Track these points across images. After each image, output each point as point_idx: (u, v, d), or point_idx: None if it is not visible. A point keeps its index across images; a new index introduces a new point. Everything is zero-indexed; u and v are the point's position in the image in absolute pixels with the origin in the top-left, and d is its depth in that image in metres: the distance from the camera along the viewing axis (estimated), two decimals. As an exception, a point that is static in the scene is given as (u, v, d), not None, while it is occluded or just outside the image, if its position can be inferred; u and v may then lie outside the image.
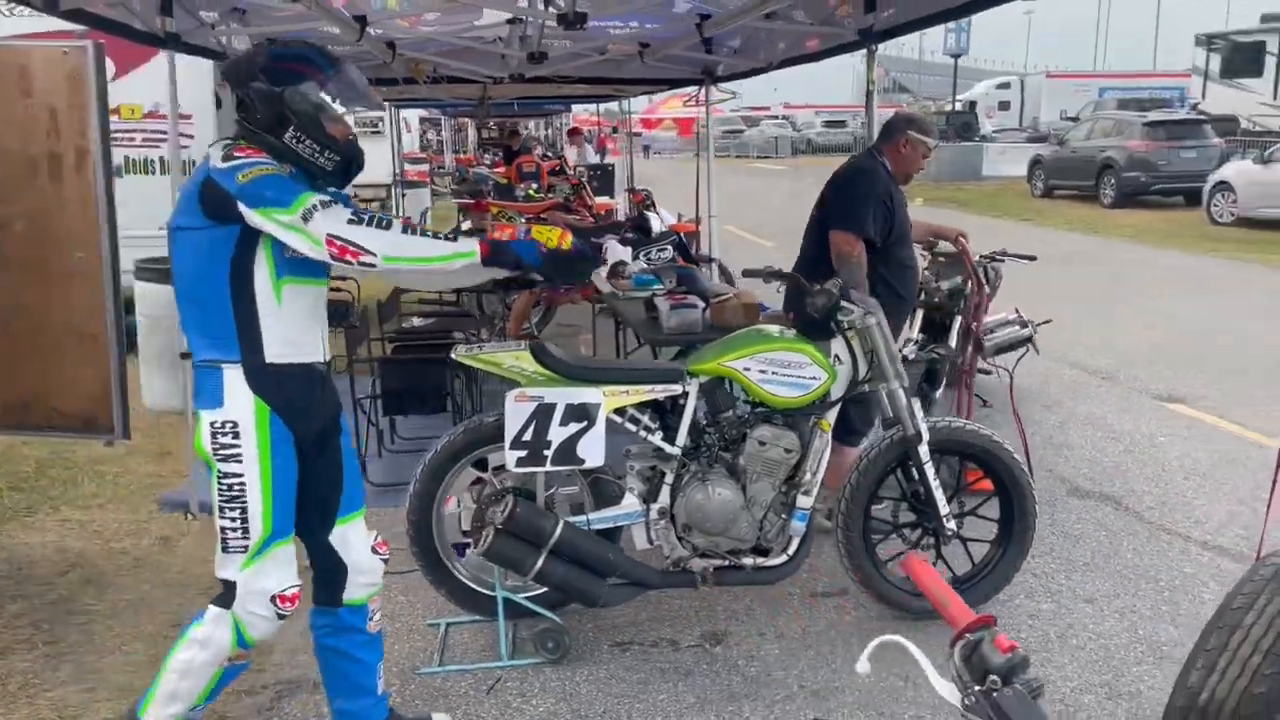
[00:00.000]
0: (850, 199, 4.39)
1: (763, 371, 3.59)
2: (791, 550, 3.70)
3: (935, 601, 1.42)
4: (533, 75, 7.66)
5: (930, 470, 3.75)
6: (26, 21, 6.83)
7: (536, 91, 11.17)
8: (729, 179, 9.93)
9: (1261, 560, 2.45)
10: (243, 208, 2.45)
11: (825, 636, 3.82)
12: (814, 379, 3.61)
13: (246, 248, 2.52)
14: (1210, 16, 50.70)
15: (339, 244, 2.44)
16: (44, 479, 5.44)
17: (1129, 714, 3.31)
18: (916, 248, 5.02)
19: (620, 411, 3.56)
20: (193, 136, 7.75)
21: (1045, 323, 6.26)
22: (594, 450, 3.47)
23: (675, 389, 3.63)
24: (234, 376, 2.56)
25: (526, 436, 3.43)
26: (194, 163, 7.69)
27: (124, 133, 8.00)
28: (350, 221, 2.47)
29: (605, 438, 3.48)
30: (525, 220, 9.02)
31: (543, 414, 3.43)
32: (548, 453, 3.44)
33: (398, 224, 2.55)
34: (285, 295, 2.58)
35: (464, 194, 12.44)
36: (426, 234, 2.59)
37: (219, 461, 2.58)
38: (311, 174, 2.62)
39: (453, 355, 3.61)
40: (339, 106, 2.61)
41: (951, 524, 3.81)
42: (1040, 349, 6.14)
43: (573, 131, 21.53)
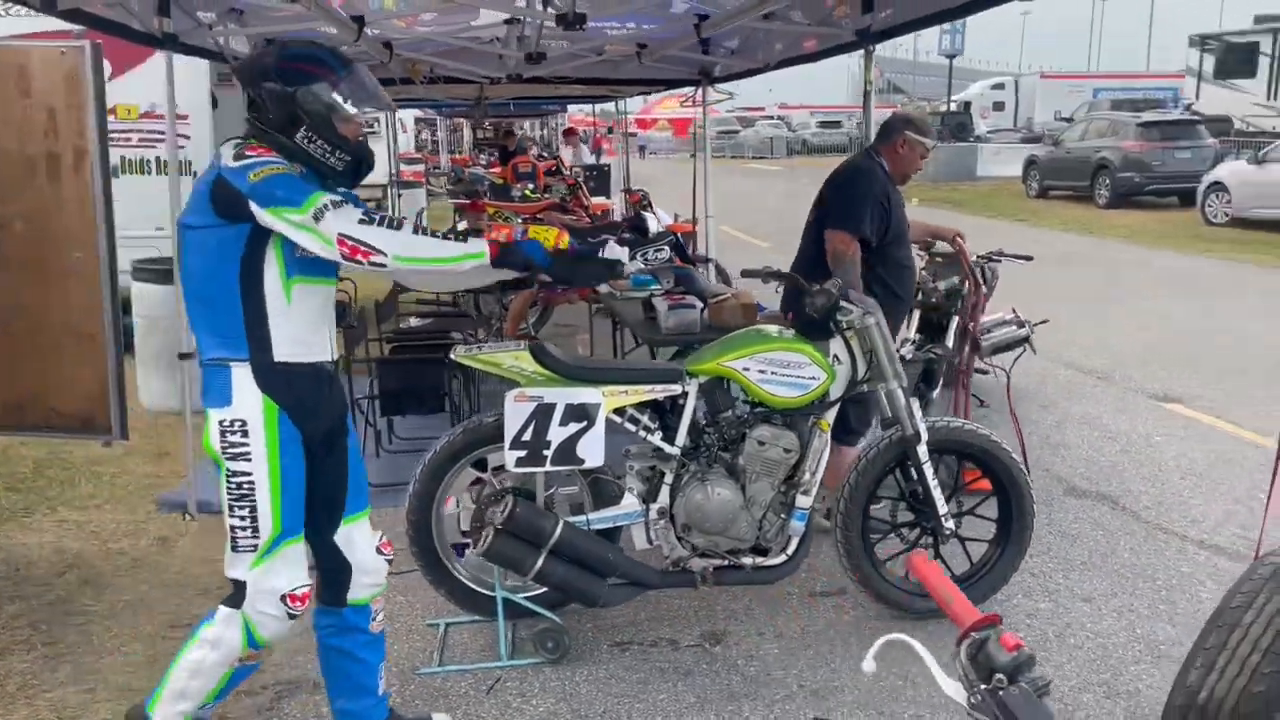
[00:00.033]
0: (847, 199, 4.39)
1: (762, 371, 3.60)
2: (791, 550, 3.70)
3: (940, 600, 1.43)
4: (530, 75, 7.66)
5: (929, 470, 3.76)
6: (24, 21, 6.82)
7: (533, 92, 11.17)
8: (724, 179, 9.94)
9: (1260, 559, 2.46)
10: (254, 207, 2.45)
11: (824, 636, 3.83)
12: (813, 379, 3.62)
13: (256, 247, 2.52)
14: (1203, 17, 50.80)
15: (350, 244, 2.45)
16: (41, 479, 5.43)
17: (1127, 712, 3.32)
18: (914, 248, 5.03)
19: (620, 411, 3.56)
20: (189, 137, 7.74)
21: (1042, 323, 6.28)
22: (593, 450, 3.47)
23: (675, 389, 3.63)
24: (242, 375, 2.57)
25: (526, 436, 3.43)
26: (190, 163, 7.75)
27: (120, 133, 7.98)
28: (361, 221, 2.48)
29: (605, 438, 3.48)
30: (522, 220, 9.02)
31: (542, 414, 3.43)
32: (547, 453, 3.44)
33: (409, 224, 2.56)
34: (295, 295, 2.59)
35: (460, 194, 12.45)
36: (437, 235, 2.60)
37: (227, 460, 2.58)
38: (322, 174, 2.62)
39: (452, 355, 3.61)
40: (350, 107, 2.60)
41: (950, 523, 3.82)
42: (1037, 349, 6.16)
43: (568, 132, 21.51)
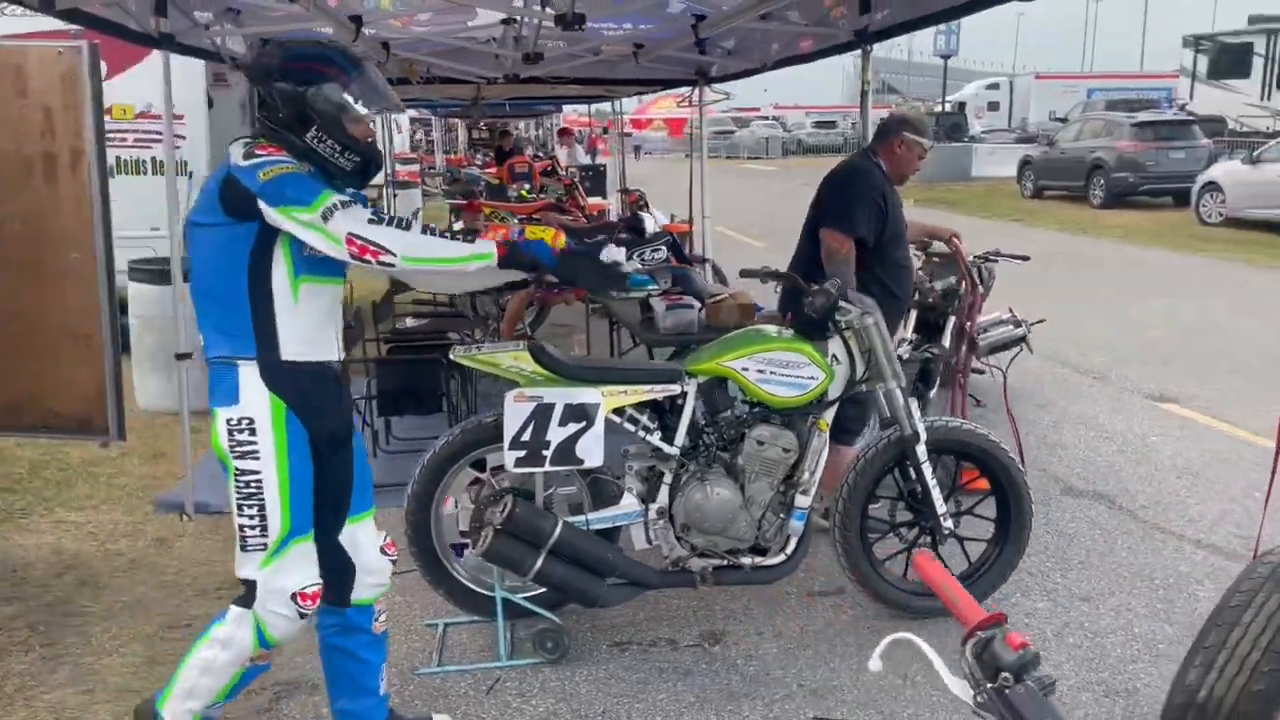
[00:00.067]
0: (843, 198, 4.40)
1: (761, 371, 3.60)
2: (790, 549, 3.71)
3: (945, 599, 1.43)
4: (527, 76, 7.66)
5: (928, 470, 3.76)
6: (21, 21, 6.81)
7: (529, 92, 11.18)
8: (720, 180, 9.96)
9: (1259, 558, 2.47)
10: (263, 205, 2.45)
11: (823, 635, 3.83)
12: (812, 379, 3.62)
13: (265, 245, 2.52)
14: (1197, 18, 50.99)
15: (359, 243, 2.45)
16: (38, 480, 5.42)
17: (1125, 711, 3.33)
18: (911, 248, 5.04)
19: (619, 411, 3.56)
20: (184, 137, 7.73)
21: (1039, 322, 6.28)
22: (593, 450, 3.47)
23: (674, 389, 3.63)
24: (249, 373, 2.56)
25: (525, 437, 3.43)
26: (186, 163, 7.73)
27: (116, 133, 7.96)
28: (370, 221, 2.48)
29: (604, 438, 3.48)
30: (518, 221, 9.01)
31: (541, 414, 3.43)
32: (546, 453, 3.44)
33: (417, 225, 2.56)
34: (302, 294, 2.59)
35: (456, 194, 12.44)
36: (444, 235, 2.60)
37: (235, 459, 2.57)
38: (330, 174, 2.62)
39: (451, 356, 3.61)
40: (361, 107, 2.60)
41: (948, 523, 3.82)
42: (1034, 348, 6.17)
43: (563, 132, 21.50)
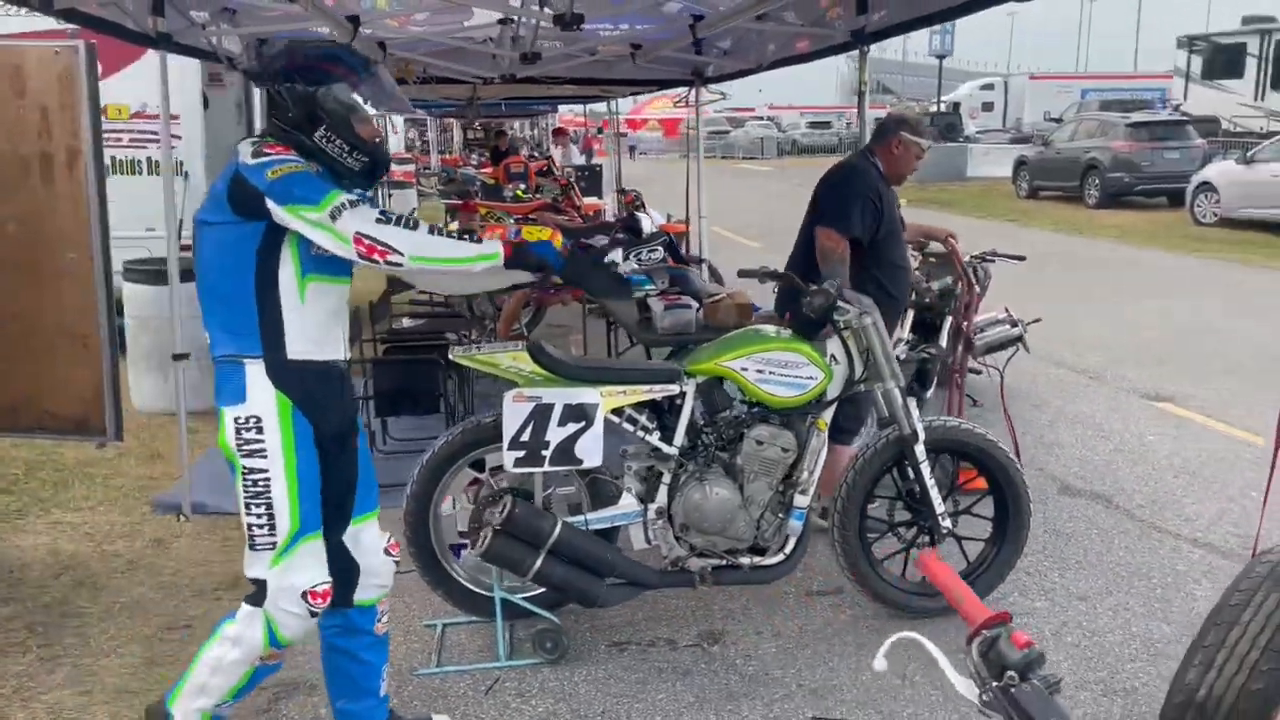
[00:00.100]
0: (839, 198, 4.41)
1: (760, 371, 3.60)
2: (788, 549, 3.71)
3: (950, 598, 1.43)
4: (523, 76, 7.66)
5: (926, 469, 3.77)
6: (17, 21, 6.80)
7: (525, 92, 11.18)
8: (715, 180, 10.00)
9: (1257, 557, 2.47)
10: (271, 204, 2.45)
11: (822, 635, 3.84)
12: (811, 379, 3.62)
13: (272, 244, 2.52)
14: (1191, 19, 51.09)
15: (367, 242, 2.45)
16: (34, 481, 5.40)
17: (1124, 710, 3.33)
18: (908, 248, 5.05)
19: (618, 412, 3.56)
20: (180, 137, 7.71)
21: (1035, 321, 6.31)
22: (592, 450, 3.47)
23: (673, 389, 3.63)
24: (256, 372, 2.56)
25: (524, 437, 3.43)
26: (182, 163, 7.72)
27: (111, 133, 7.91)
28: (378, 221, 2.49)
29: (603, 438, 3.48)
30: (514, 221, 9.01)
31: (541, 414, 3.43)
32: (546, 453, 3.44)
33: (424, 225, 2.56)
34: (309, 293, 2.59)
35: (451, 194, 12.46)
36: (452, 235, 2.60)
37: (243, 457, 2.57)
38: (338, 173, 2.62)
39: (450, 356, 3.61)
40: (370, 108, 2.61)
41: (947, 522, 3.83)
42: (1030, 348, 6.18)
43: (558, 132, 21.53)
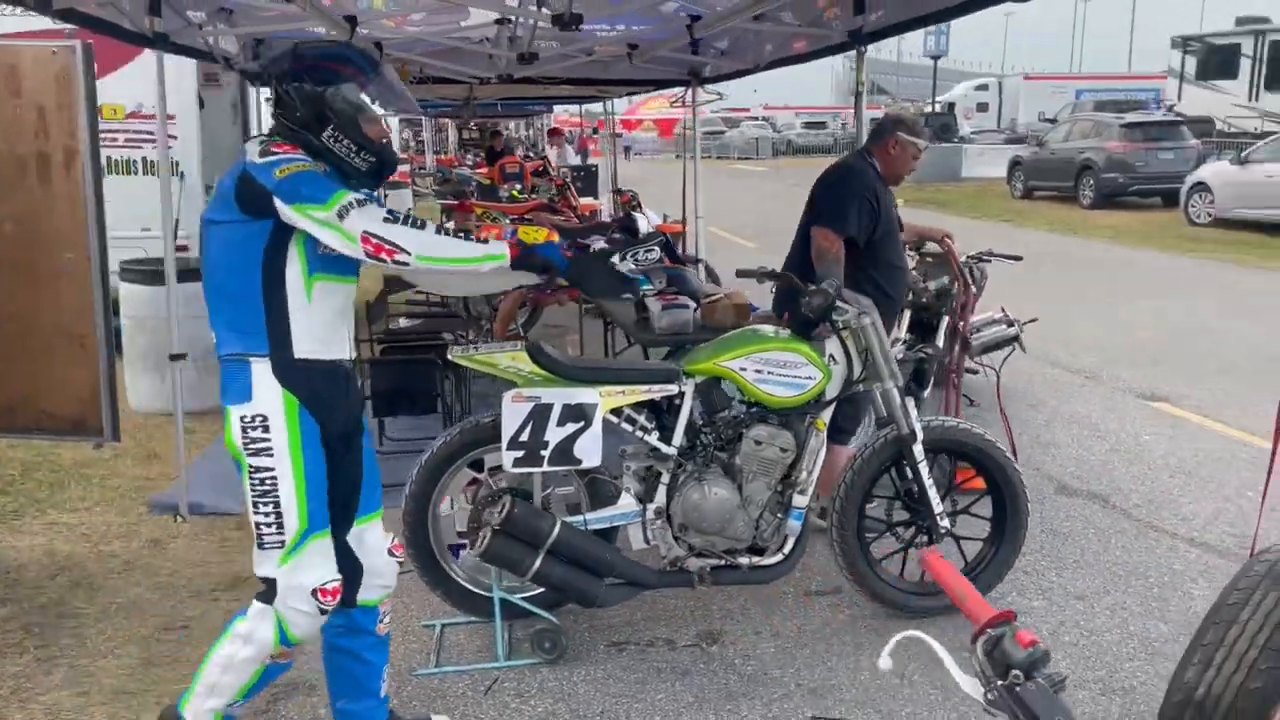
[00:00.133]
0: (835, 198, 4.42)
1: (758, 371, 3.61)
2: (787, 549, 3.71)
3: (954, 597, 1.44)
4: (520, 76, 7.66)
5: (924, 469, 3.77)
6: (13, 21, 6.78)
7: (522, 92, 11.17)
8: (710, 180, 10.01)
9: (1256, 556, 2.48)
10: (278, 203, 2.45)
11: (820, 635, 3.84)
12: (809, 379, 3.63)
13: (279, 243, 2.52)
14: (1184, 19, 51.24)
15: (374, 241, 2.46)
16: (30, 482, 5.39)
17: (1122, 709, 3.34)
18: (904, 248, 5.05)
19: (616, 412, 3.56)
20: (176, 137, 7.70)
21: (1031, 321, 6.31)
22: (591, 450, 3.47)
23: (672, 389, 3.64)
24: (262, 370, 2.56)
25: (523, 437, 3.43)
26: (178, 164, 7.70)
27: (106, 133, 7.87)
28: (386, 220, 2.49)
29: (602, 438, 3.48)
30: (510, 221, 9.01)
31: (540, 414, 3.43)
32: (545, 453, 3.44)
33: (431, 224, 2.57)
34: (316, 292, 2.59)
35: (447, 195, 12.44)
36: (458, 235, 2.61)
37: (249, 456, 2.56)
38: (345, 173, 2.62)
39: (449, 356, 3.61)
40: (378, 108, 2.61)
41: (945, 522, 3.83)
42: (1026, 348, 6.19)
43: (553, 132, 21.52)
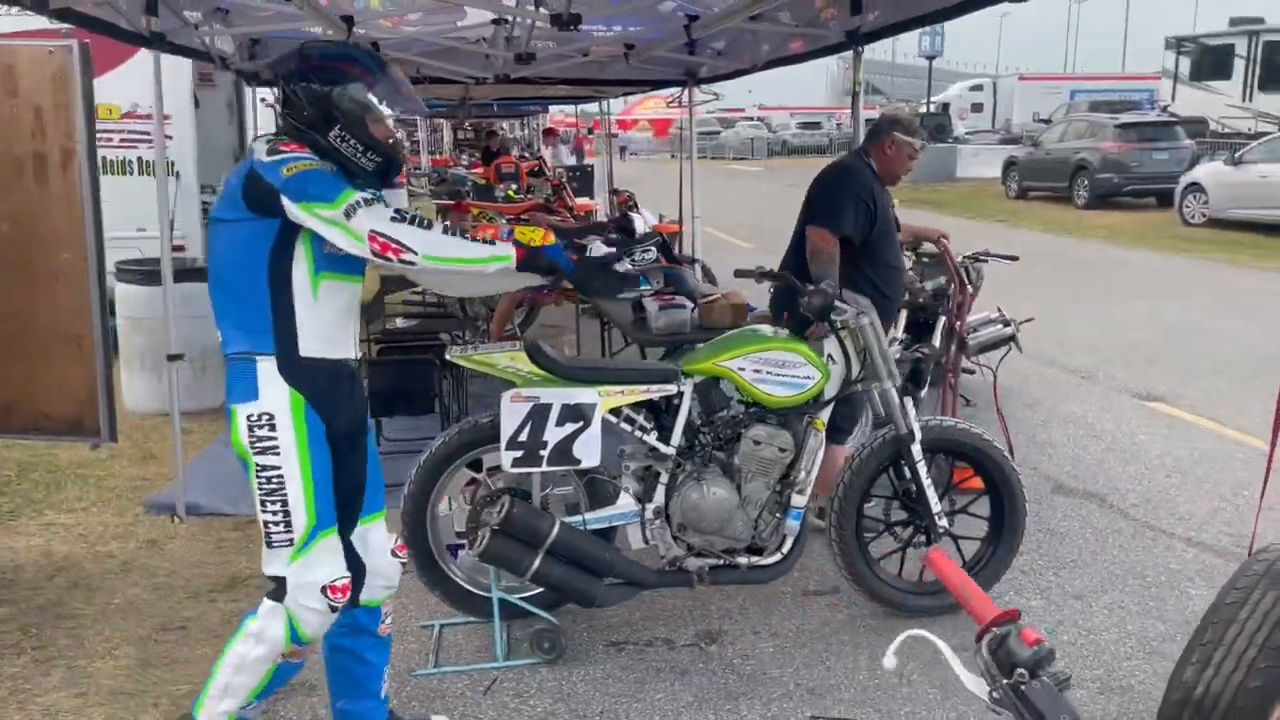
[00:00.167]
0: (832, 197, 4.42)
1: (757, 371, 3.61)
2: (786, 549, 3.72)
3: (959, 595, 1.44)
4: (517, 76, 7.65)
5: (923, 469, 3.78)
6: (9, 21, 6.76)
7: (518, 92, 11.16)
8: (706, 180, 10.00)
9: (1254, 555, 2.49)
10: (286, 201, 2.45)
11: (819, 634, 3.84)
12: (808, 378, 3.63)
13: (286, 241, 2.52)
14: (1178, 20, 51.40)
15: (381, 240, 2.46)
16: (26, 482, 5.38)
17: (1121, 708, 3.35)
18: (901, 248, 5.05)
19: (615, 412, 3.56)
20: (171, 137, 7.68)
21: (1027, 321, 6.31)
22: (590, 450, 3.47)
23: (670, 389, 3.64)
24: (268, 369, 2.56)
25: (522, 437, 3.42)
26: (173, 164, 7.69)
27: (101, 133, 7.85)
28: (393, 219, 2.49)
29: (601, 438, 3.48)
30: (507, 221, 9.00)
31: (538, 414, 3.43)
32: (544, 453, 3.44)
33: (438, 224, 2.57)
34: (322, 291, 2.59)
35: (443, 195, 12.42)
36: (464, 236, 2.61)
37: (256, 455, 2.56)
38: (352, 173, 2.62)
39: (448, 356, 3.61)
40: (385, 108, 2.61)
41: (943, 522, 3.84)
42: (1022, 347, 6.19)
43: (548, 132, 21.47)
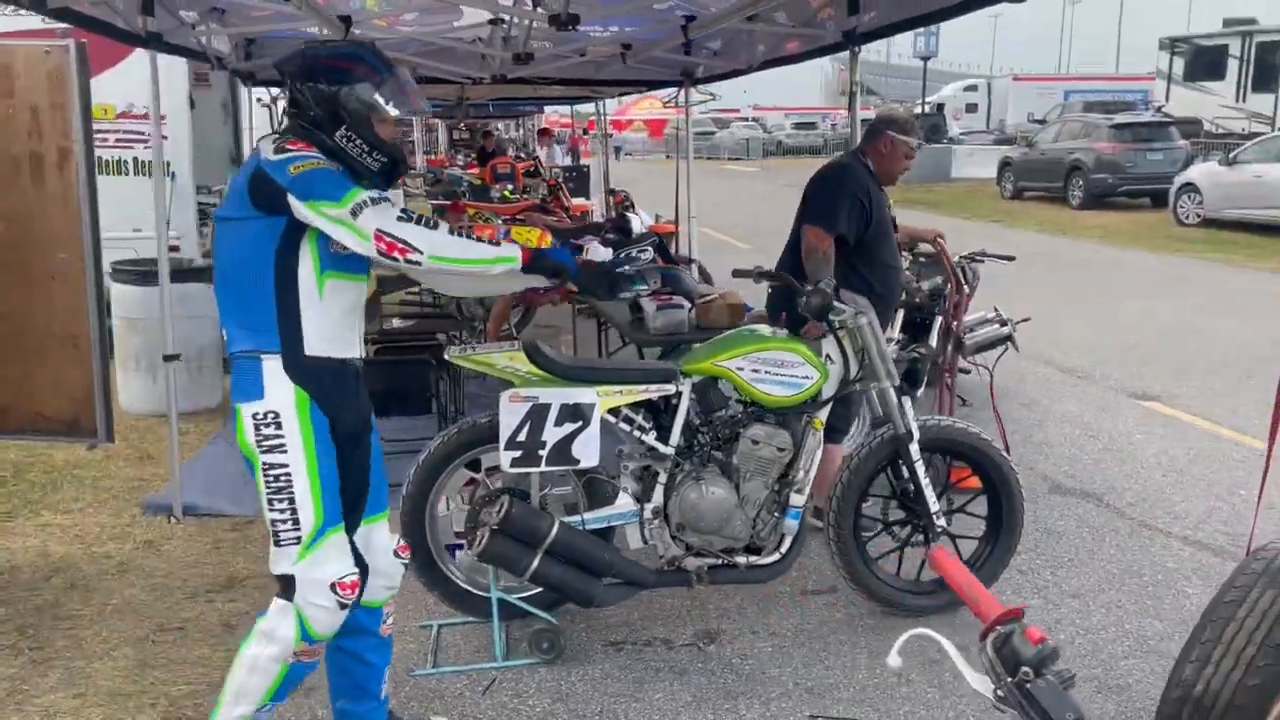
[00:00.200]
0: (827, 196, 4.43)
1: (755, 371, 3.61)
2: (784, 548, 3.72)
3: (963, 594, 1.44)
4: (514, 76, 7.65)
5: (921, 468, 3.78)
6: (5, 21, 6.75)
7: (514, 92, 11.16)
8: (701, 181, 9.99)
9: (1252, 554, 2.50)
10: (292, 200, 2.45)
11: (818, 634, 3.85)
12: (806, 378, 3.64)
13: (291, 240, 2.52)
14: (1172, 21, 51.51)
15: (387, 240, 2.45)
16: (23, 483, 5.36)
17: (1119, 707, 3.36)
18: (898, 247, 5.06)
19: (614, 411, 3.56)
20: (167, 137, 7.65)
21: (1024, 321, 6.32)
22: (589, 450, 3.47)
23: (669, 389, 3.64)
24: (273, 367, 2.56)
25: (521, 437, 3.42)
26: (169, 164, 7.66)
27: (97, 133, 7.83)
28: (399, 219, 2.49)
29: (599, 437, 3.48)
30: (503, 221, 8.99)
31: (537, 414, 3.43)
32: (542, 453, 3.43)
33: (444, 225, 2.56)
34: (327, 290, 2.58)
35: (439, 195, 12.42)
36: (470, 237, 2.61)
37: (262, 454, 2.55)
38: (357, 173, 2.62)
39: (446, 356, 3.61)
40: (391, 108, 2.61)
41: (941, 521, 3.84)
42: (1019, 347, 6.20)
43: (543, 132, 21.48)
